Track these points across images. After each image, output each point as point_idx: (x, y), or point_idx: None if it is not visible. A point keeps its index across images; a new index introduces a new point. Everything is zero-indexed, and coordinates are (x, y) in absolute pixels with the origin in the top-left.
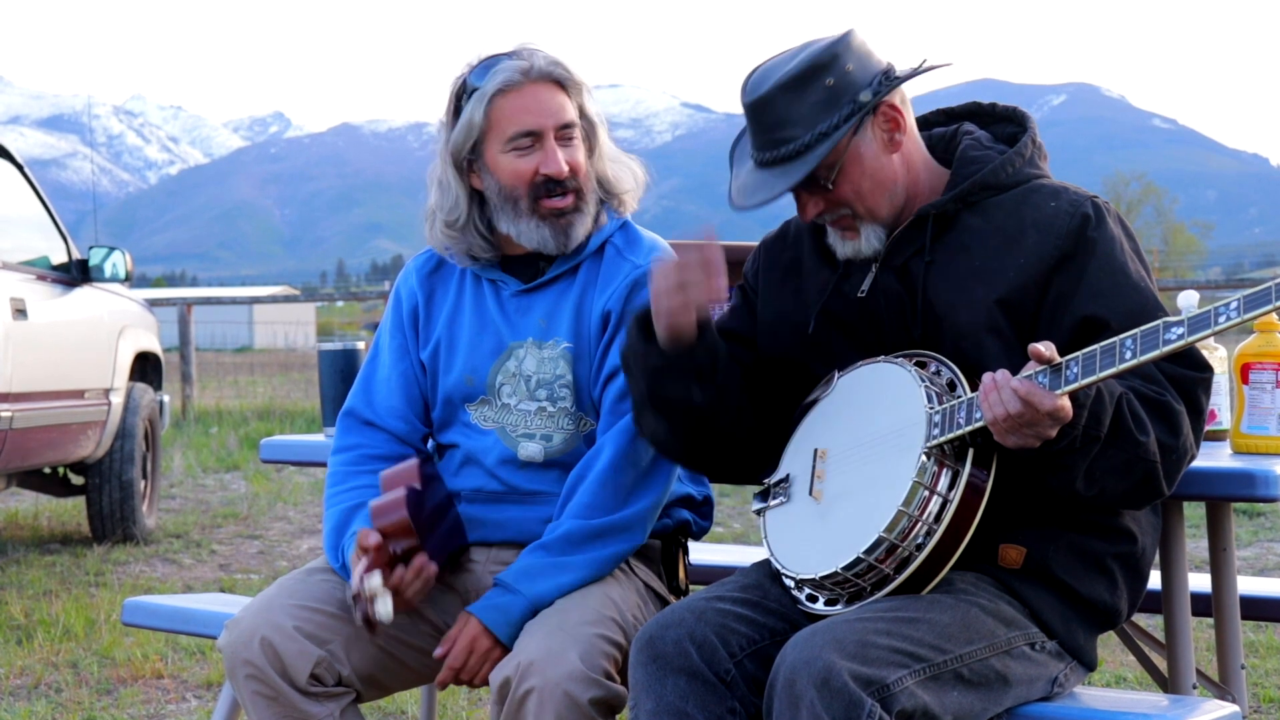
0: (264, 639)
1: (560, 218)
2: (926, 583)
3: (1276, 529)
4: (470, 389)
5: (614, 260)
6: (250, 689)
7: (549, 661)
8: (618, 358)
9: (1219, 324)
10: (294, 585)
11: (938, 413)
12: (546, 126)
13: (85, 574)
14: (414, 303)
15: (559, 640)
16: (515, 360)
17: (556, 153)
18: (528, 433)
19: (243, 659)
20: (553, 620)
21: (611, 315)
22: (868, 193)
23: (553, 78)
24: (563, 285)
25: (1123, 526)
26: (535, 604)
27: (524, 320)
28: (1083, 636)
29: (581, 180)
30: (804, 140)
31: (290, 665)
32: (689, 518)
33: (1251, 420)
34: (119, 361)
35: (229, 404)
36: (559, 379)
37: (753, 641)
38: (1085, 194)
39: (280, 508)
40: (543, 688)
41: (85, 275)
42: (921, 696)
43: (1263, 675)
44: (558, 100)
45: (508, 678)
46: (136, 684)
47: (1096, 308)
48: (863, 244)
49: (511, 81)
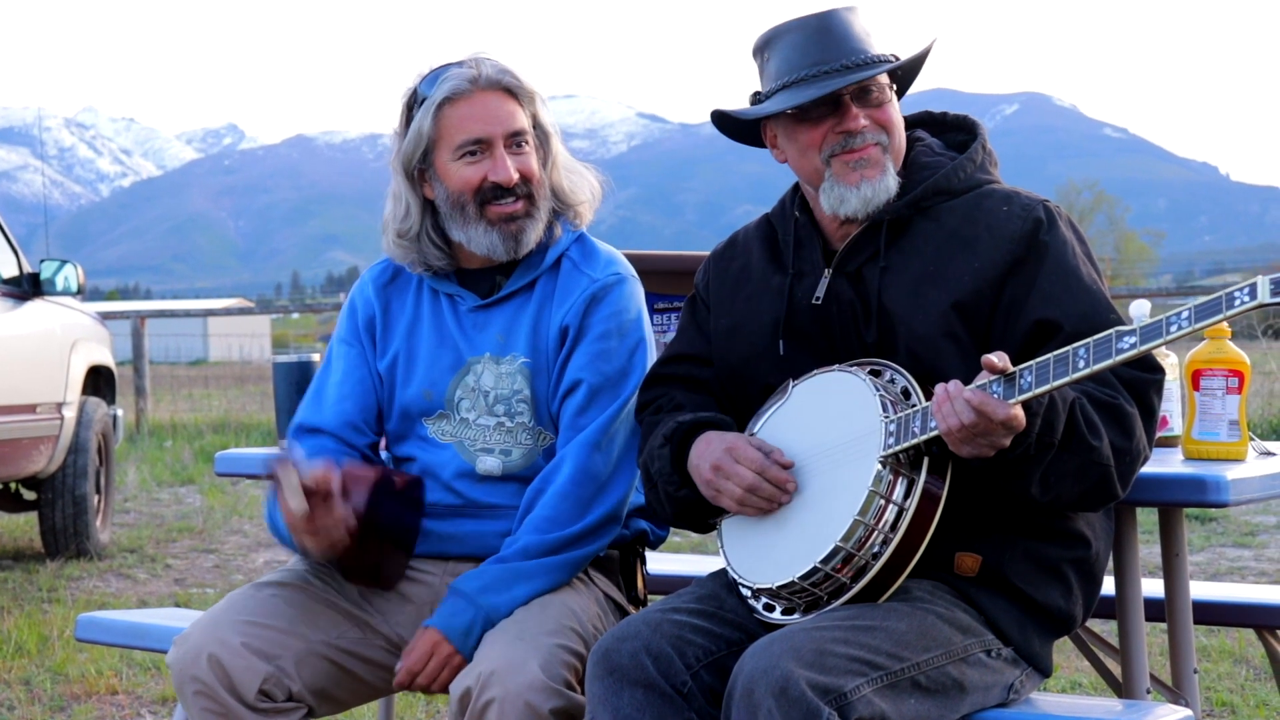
0: (211, 655)
1: (510, 223)
2: (883, 591)
3: (1228, 534)
4: (429, 403)
5: (570, 274)
6: (199, 705)
7: (510, 671)
8: (577, 372)
9: (1171, 333)
10: (242, 601)
11: (893, 422)
12: (495, 134)
13: (38, 590)
14: (370, 312)
15: (520, 650)
16: (474, 375)
17: (505, 160)
18: (486, 447)
19: (190, 675)
20: (513, 630)
21: (569, 330)
22: (898, 135)
23: (501, 85)
24: (520, 300)
25: (1076, 531)
26: (491, 616)
27: (481, 336)
28: (1038, 643)
29: (534, 187)
30: (873, 55)
31: (238, 681)
32: (646, 527)
33: (1202, 426)
34: (71, 375)
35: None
36: (516, 394)
37: (709, 653)
38: (1037, 198)
39: (236, 521)
40: (504, 698)
41: (36, 289)
42: (879, 704)
43: (1215, 679)
44: (507, 108)
45: (468, 688)
46: (90, 700)
47: (1049, 311)
48: (888, 180)
49: (459, 90)
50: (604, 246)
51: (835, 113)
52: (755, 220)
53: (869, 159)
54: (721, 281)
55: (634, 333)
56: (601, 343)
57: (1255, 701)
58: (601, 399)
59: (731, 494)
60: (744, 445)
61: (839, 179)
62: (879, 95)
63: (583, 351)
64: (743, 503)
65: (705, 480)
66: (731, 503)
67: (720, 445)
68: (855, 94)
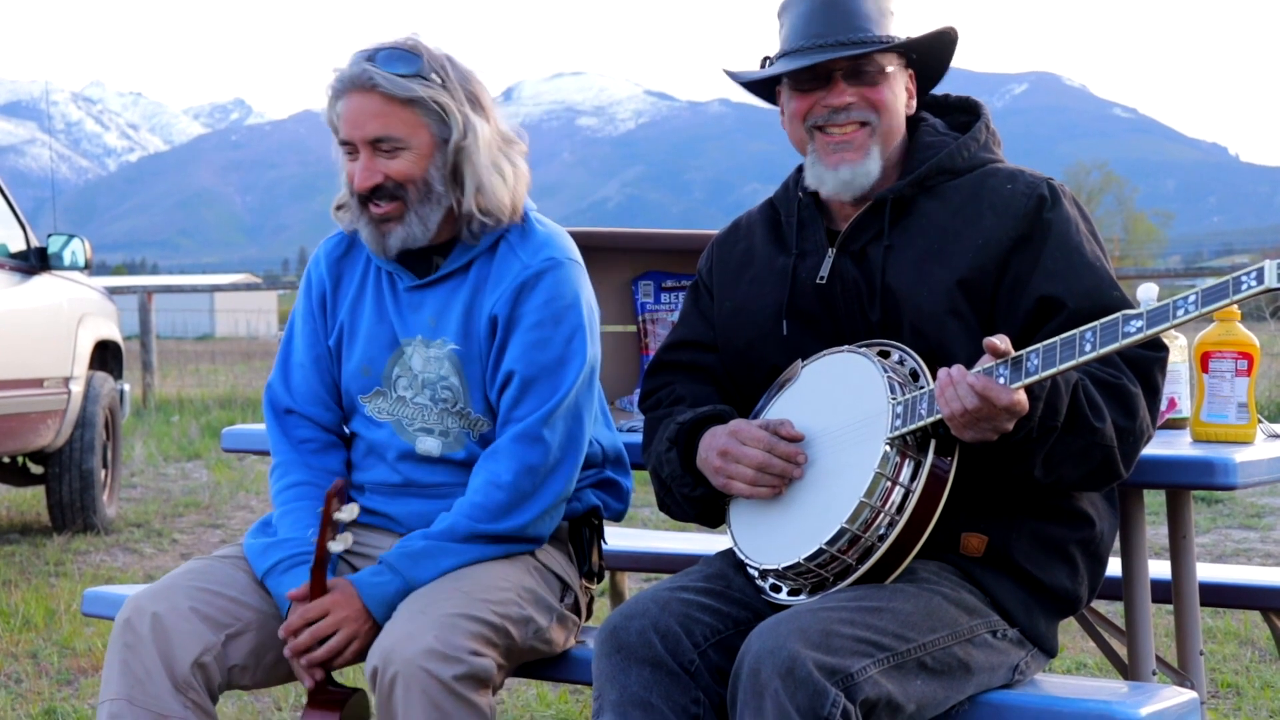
0: (155, 615)
1: (382, 224)
2: (889, 572)
3: (1234, 516)
4: (366, 379)
5: (505, 258)
6: (119, 660)
7: (405, 643)
8: (511, 363)
9: (1177, 317)
10: (201, 567)
11: (900, 404)
12: (354, 138)
13: (45, 564)
14: (323, 289)
15: (417, 623)
16: (406, 356)
17: (362, 165)
18: (425, 427)
19: (127, 624)
20: (415, 605)
21: (499, 320)
22: (893, 116)
23: (370, 88)
24: (454, 283)
25: (1082, 511)
26: (411, 585)
27: (414, 317)
28: (1044, 624)
29: (408, 190)
30: (874, 34)
31: (178, 647)
32: (598, 502)
33: (1211, 409)
34: (78, 350)
35: (190, 392)
36: (442, 380)
37: (716, 631)
38: (1041, 176)
39: (242, 496)
40: (404, 670)
41: (44, 263)
42: (885, 685)
43: (1220, 661)
44: (370, 111)
45: (375, 667)
46: (97, 674)
47: (1053, 287)
48: (869, 164)
49: (335, 88)
50: (545, 228)
51: (824, 86)
52: (758, 204)
53: (851, 142)
54: (724, 265)
55: (569, 319)
56: (535, 332)
57: (1260, 683)
58: (538, 389)
59: (743, 476)
60: (748, 427)
61: (820, 158)
62: (874, 75)
63: (516, 342)
64: (755, 483)
65: (715, 469)
66: (744, 486)
67: (724, 432)
68: (849, 71)
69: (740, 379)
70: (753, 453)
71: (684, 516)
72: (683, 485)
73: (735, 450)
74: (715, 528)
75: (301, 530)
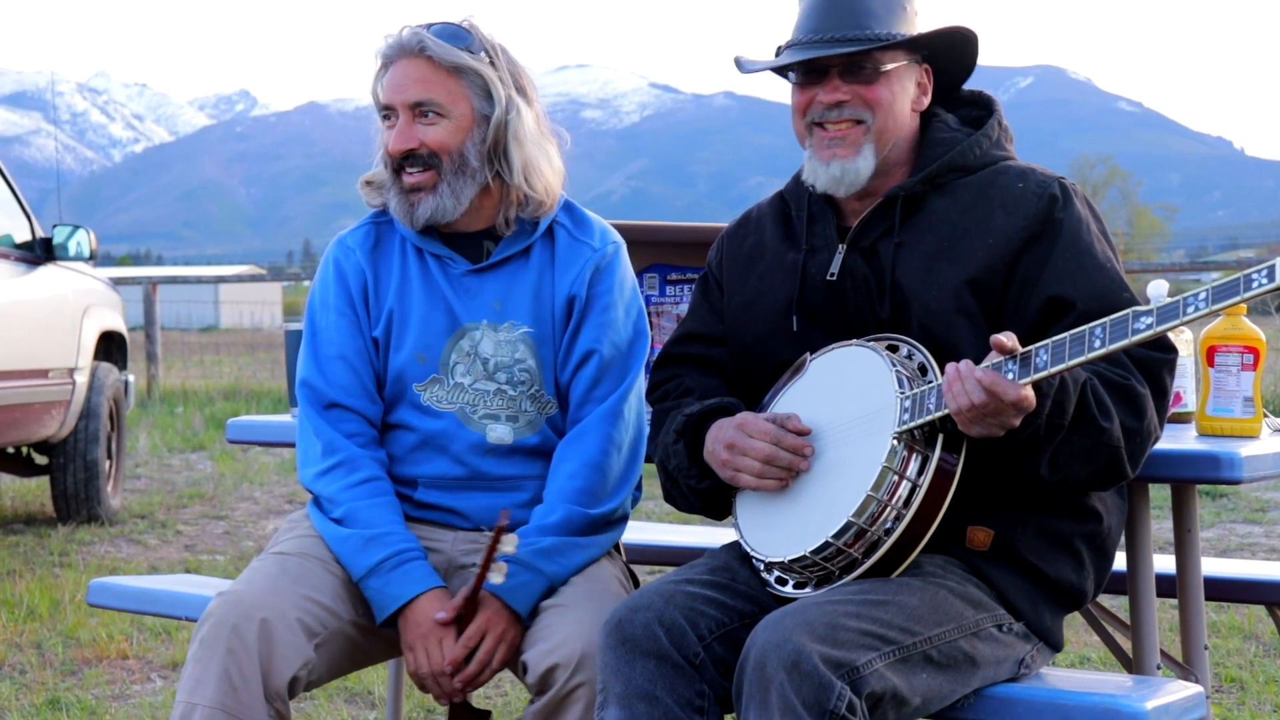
0: (264, 622)
1: (412, 193)
2: (895, 566)
3: (1239, 510)
4: (423, 366)
5: (569, 243)
6: (220, 666)
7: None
8: (590, 344)
9: (1188, 314)
10: (298, 569)
11: (908, 398)
12: (396, 102)
13: (50, 554)
14: (363, 279)
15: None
16: (470, 340)
17: (401, 129)
18: (491, 414)
19: (234, 629)
20: (589, 612)
21: (576, 300)
22: (889, 115)
23: (421, 53)
24: (515, 267)
25: (1089, 506)
26: (553, 582)
27: (475, 302)
28: (1049, 618)
29: (443, 159)
30: (875, 31)
31: (280, 658)
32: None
33: (1217, 403)
34: (83, 341)
35: (195, 384)
36: (519, 363)
37: (722, 624)
38: (1052, 175)
39: (246, 488)
40: (592, 682)
41: (49, 254)
42: (891, 678)
43: (1225, 655)
44: (416, 75)
45: (556, 665)
46: (101, 665)
47: (1062, 288)
48: (859, 162)
49: (385, 56)
50: (592, 215)
51: (821, 82)
52: (769, 197)
53: (844, 139)
54: (734, 259)
55: (635, 302)
56: (611, 312)
57: (1265, 678)
58: (614, 370)
59: (749, 469)
60: (755, 419)
61: (815, 152)
62: (870, 73)
63: (592, 323)
64: (762, 475)
65: (721, 461)
66: (751, 478)
67: (731, 424)
68: (845, 68)
69: (749, 373)
70: (759, 445)
71: (690, 509)
72: (689, 477)
73: (742, 443)
74: (721, 520)
75: (393, 527)
